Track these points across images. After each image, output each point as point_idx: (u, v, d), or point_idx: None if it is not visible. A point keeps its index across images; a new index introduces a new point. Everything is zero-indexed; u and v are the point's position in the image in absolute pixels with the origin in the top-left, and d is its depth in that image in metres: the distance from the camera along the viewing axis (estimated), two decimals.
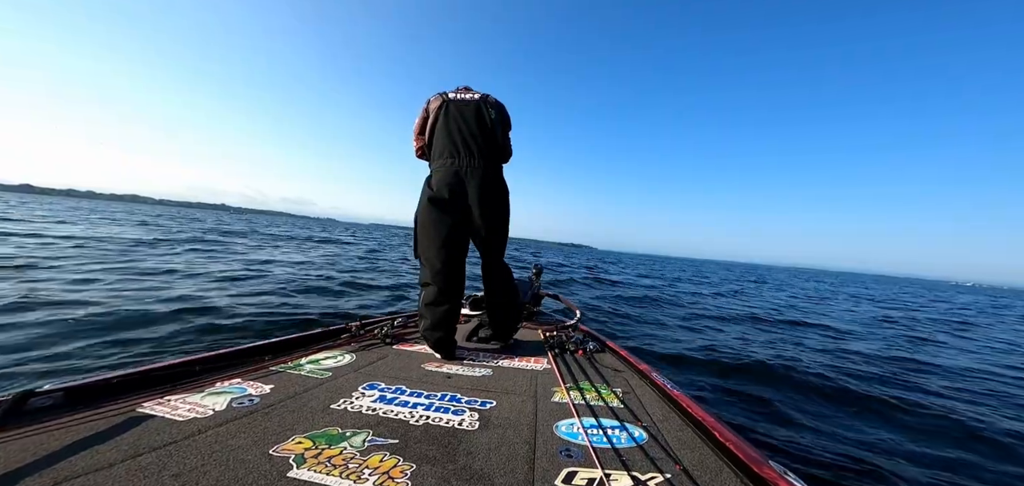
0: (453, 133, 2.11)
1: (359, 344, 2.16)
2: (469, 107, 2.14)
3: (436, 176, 2.11)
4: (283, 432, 1.15)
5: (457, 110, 2.13)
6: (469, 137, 2.10)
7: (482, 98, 2.18)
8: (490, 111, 2.15)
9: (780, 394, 3.35)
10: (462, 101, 2.16)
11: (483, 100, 2.17)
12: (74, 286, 4.80)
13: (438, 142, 2.14)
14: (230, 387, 1.44)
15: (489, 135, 2.14)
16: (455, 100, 2.17)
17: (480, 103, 2.16)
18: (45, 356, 2.75)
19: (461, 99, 2.17)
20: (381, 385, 1.59)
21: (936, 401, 3.41)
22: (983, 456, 2.52)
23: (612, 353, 2.23)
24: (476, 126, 2.12)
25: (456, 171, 2.08)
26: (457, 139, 2.10)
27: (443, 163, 2.10)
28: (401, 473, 0.98)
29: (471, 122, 2.12)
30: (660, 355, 4.36)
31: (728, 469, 1.07)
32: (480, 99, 2.17)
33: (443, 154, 2.11)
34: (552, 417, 1.37)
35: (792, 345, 5.53)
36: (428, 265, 2.06)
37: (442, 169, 2.10)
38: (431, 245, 2.04)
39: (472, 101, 2.16)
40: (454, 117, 2.13)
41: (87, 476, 0.88)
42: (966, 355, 5.88)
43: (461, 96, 2.19)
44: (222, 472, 0.93)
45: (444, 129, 2.13)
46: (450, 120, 2.13)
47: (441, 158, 2.11)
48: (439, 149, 2.13)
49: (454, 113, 2.13)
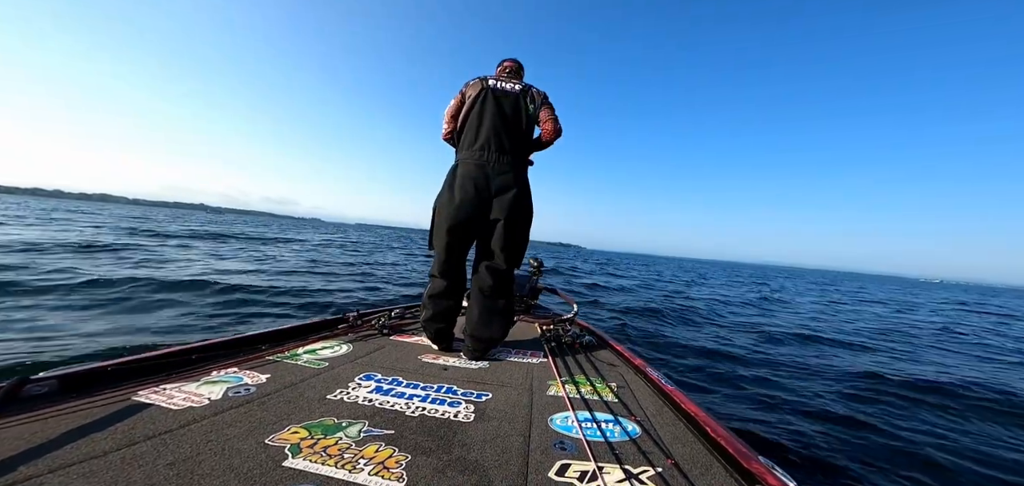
0: (486, 125, 1.98)
1: (356, 335, 2.16)
2: (508, 99, 2.02)
3: (462, 167, 1.99)
4: (279, 422, 1.15)
5: (495, 101, 2.01)
6: (503, 132, 1.98)
7: (523, 90, 2.05)
8: (529, 104, 2.04)
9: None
10: (502, 91, 2.03)
11: (524, 92, 2.05)
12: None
13: (470, 131, 2.02)
14: (226, 376, 1.45)
15: (524, 132, 2.03)
16: (495, 88, 2.03)
17: (520, 96, 2.04)
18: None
19: (502, 89, 2.04)
20: (378, 376, 1.60)
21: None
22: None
23: (608, 348, 2.24)
24: (512, 121, 2.00)
25: (482, 165, 1.96)
26: (490, 132, 1.97)
27: (471, 155, 1.98)
28: (396, 463, 0.99)
29: (508, 116, 2.00)
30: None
31: (718, 463, 1.08)
32: (521, 91, 2.05)
33: (472, 146, 1.99)
34: (547, 410, 1.38)
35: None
36: (439, 258, 2.01)
37: (469, 161, 1.98)
38: (445, 239, 1.97)
39: (513, 93, 2.03)
40: (491, 108, 2.00)
41: (81, 464, 0.88)
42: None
43: (503, 84, 2.06)
44: (217, 461, 0.94)
45: (477, 118, 2.00)
46: (486, 110, 2.00)
47: (469, 149, 2.00)
48: (469, 140, 2.01)
49: (491, 104, 2.00)
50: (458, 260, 2.02)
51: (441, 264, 2.01)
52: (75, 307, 4.24)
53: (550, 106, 2.10)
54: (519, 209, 2.00)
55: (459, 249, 2.00)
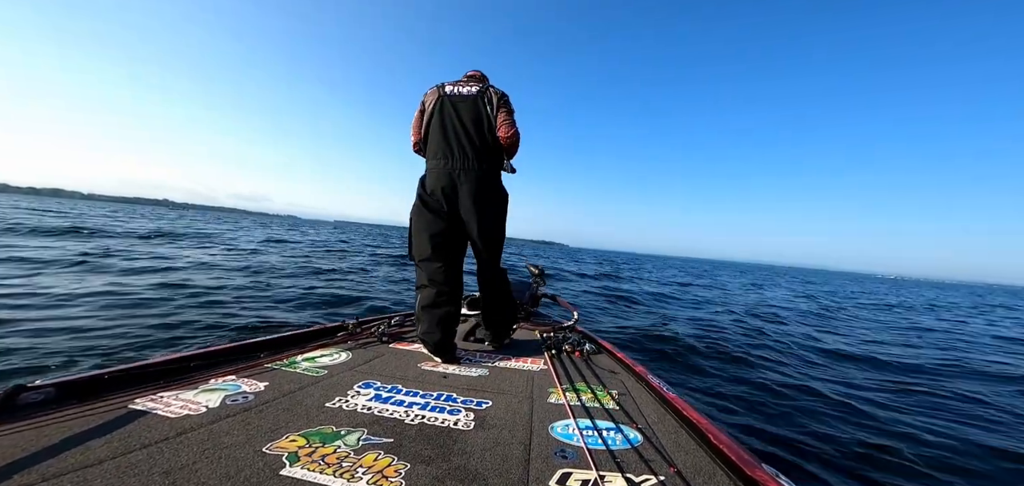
0: (447, 131, 2.00)
1: (356, 342, 2.15)
2: (465, 103, 2.02)
3: (429, 177, 2.02)
4: (277, 430, 1.14)
5: (452, 106, 2.02)
6: (463, 137, 1.99)
7: (480, 92, 2.05)
8: (487, 106, 2.03)
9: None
10: (458, 96, 2.04)
11: (481, 95, 2.04)
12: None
13: (432, 140, 2.04)
14: (224, 384, 1.44)
15: (485, 135, 2.02)
16: (451, 95, 2.04)
17: (478, 98, 2.03)
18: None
19: (457, 94, 2.04)
20: (377, 384, 1.58)
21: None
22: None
23: (608, 355, 2.22)
24: (472, 125, 2.00)
25: (449, 172, 1.98)
26: (451, 138, 1.99)
27: (436, 164, 2.00)
28: (395, 472, 0.98)
29: (467, 120, 2.00)
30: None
31: (721, 472, 1.07)
32: (478, 93, 2.04)
33: (437, 154, 2.01)
34: (548, 418, 1.37)
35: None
36: (423, 268, 2.01)
37: (435, 170, 2.00)
38: (425, 248, 1.98)
39: (469, 96, 2.03)
40: (449, 114, 2.01)
41: (76, 473, 0.87)
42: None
43: (459, 89, 2.06)
44: (213, 470, 0.93)
45: (438, 126, 2.02)
46: (445, 117, 2.01)
47: (434, 158, 2.02)
48: (433, 148, 2.03)
49: (449, 109, 2.01)
50: (446, 266, 2.01)
51: (427, 273, 2.00)
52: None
53: (507, 108, 2.07)
54: (488, 205, 2.05)
55: (443, 255, 2.00)
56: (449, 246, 2.02)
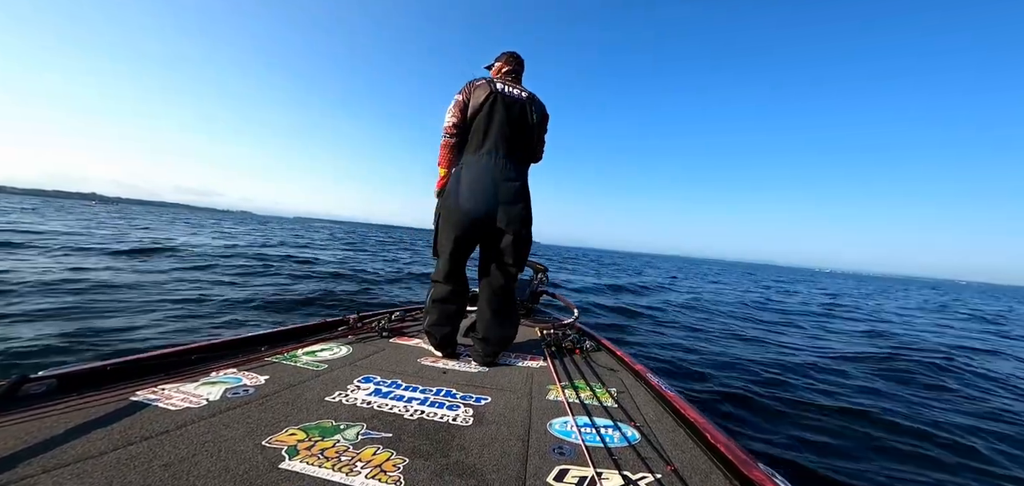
0: (494, 130, 1.99)
1: (356, 337, 2.16)
2: (516, 105, 2.04)
3: (467, 171, 1.98)
4: (277, 423, 1.15)
5: (504, 107, 2.01)
6: (510, 138, 2.00)
7: (529, 98, 2.10)
8: (533, 113, 2.07)
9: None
10: (511, 97, 2.05)
11: (530, 100, 2.09)
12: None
13: (475, 135, 2.01)
14: (225, 377, 1.44)
15: (528, 139, 2.08)
16: (503, 94, 2.04)
17: (527, 103, 2.07)
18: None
19: (510, 94, 2.05)
20: (377, 378, 1.59)
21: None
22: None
23: (608, 353, 2.23)
24: (519, 129, 2.03)
25: (489, 170, 1.97)
26: (498, 137, 1.99)
27: (478, 159, 1.99)
28: (394, 467, 0.98)
29: (516, 122, 2.02)
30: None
31: (718, 470, 1.07)
32: (527, 98, 2.09)
33: (479, 150, 2.00)
34: (546, 415, 1.37)
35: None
36: (445, 264, 2.01)
37: (476, 166, 1.98)
38: (450, 243, 1.97)
39: (520, 99, 2.06)
40: (500, 113, 2.00)
41: (77, 464, 0.88)
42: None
43: (510, 89, 2.07)
44: (213, 462, 0.93)
45: (485, 122, 2.00)
46: (495, 115, 2.00)
47: (476, 153, 2.00)
48: (476, 143, 2.01)
49: (500, 109, 2.01)
50: (462, 264, 2.04)
51: (446, 269, 2.01)
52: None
53: (545, 128, 2.17)
54: (526, 218, 2.04)
55: (464, 254, 2.02)
56: (473, 245, 2.03)
